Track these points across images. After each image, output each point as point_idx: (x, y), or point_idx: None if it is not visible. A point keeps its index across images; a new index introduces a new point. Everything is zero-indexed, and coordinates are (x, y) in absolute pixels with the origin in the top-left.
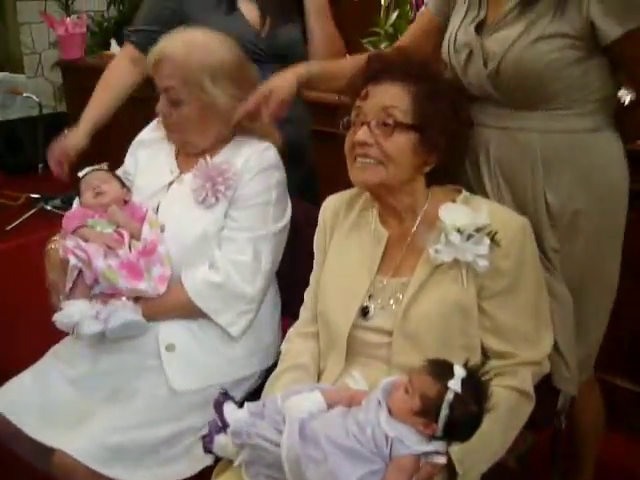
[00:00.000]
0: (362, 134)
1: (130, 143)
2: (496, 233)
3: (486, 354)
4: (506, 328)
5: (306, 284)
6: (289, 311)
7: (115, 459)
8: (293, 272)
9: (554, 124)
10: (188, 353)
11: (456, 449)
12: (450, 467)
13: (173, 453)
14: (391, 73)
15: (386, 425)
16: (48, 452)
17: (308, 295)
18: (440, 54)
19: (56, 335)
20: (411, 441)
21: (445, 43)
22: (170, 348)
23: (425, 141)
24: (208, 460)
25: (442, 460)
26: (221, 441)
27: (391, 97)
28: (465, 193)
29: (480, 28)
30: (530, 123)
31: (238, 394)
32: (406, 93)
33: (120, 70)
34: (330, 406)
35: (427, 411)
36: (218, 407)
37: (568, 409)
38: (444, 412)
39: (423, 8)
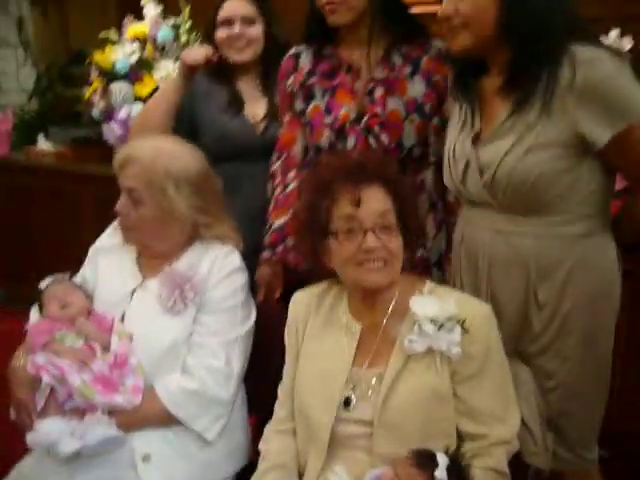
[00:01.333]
0: (372, 241)
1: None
2: (465, 321)
3: (460, 436)
4: (478, 410)
5: (266, 381)
6: (253, 409)
7: None
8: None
9: (547, 230)
10: (164, 462)
11: None
12: None
13: None
14: (368, 176)
15: None
16: None
17: (282, 392)
18: None
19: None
20: None
21: (445, 154)
22: (146, 459)
23: (409, 235)
24: None
25: None
26: None
27: (380, 202)
28: (430, 283)
29: (476, 140)
30: (524, 229)
31: None
32: (388, 195)
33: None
34: None
35: None
36: None
37: None
38: None
39: None
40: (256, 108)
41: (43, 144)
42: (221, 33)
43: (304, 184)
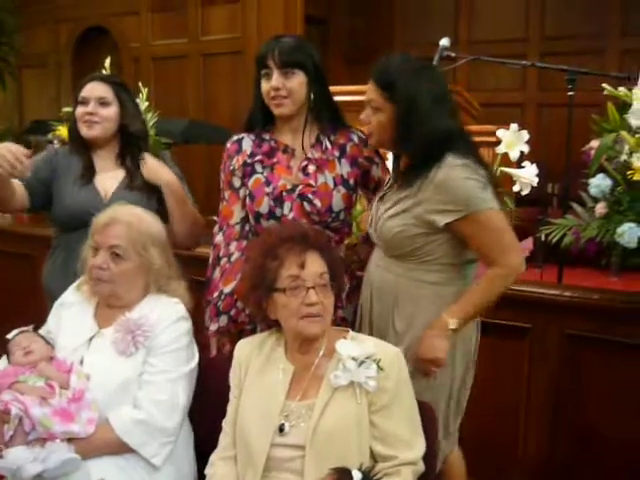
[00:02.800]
0: (314, 297)
1: None
2: (380, 360)
3: (374, 457)
4: (390, 435)
5: (208, 421)
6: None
7: None
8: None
9: (406, 272)
10: None
11: None
12: None
13: None
14: (309, 244)
15: None
16: None
17: (226, 423)
18: None
19: None
20: None
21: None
22: None
23: (336, 291)
24: None
25: None
26: None
27: (319, 265)
28: (351, 332)
29: (382, 198)
30: (391, 267)
31: None
32: (323, 260)
33: None
34: None
35: None
36: None
37: None
38: None
39: None
40: (107, 180)
41: None
42: (78, 110)
43: (251, 249)
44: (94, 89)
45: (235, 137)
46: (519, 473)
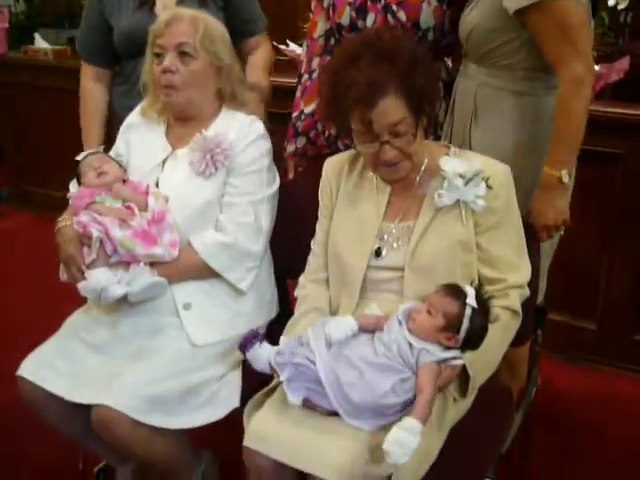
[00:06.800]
0: (391, 154)
1: None
2: (489, 178)
3: (480, 282)
4: (497, 258)
5: (290, 245)
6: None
7: (151, 409)
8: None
9: (488, 79)
10: (203, 310)
11: (468, 356)
12: (461, 375)
13: (200, 401)
14: (381, 90)
15: (411, 339)
16: (81, 413)
17: (316, 245)
18: None
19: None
20: (434, 350)
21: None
22: (187, 307)
23: (424, 120)
24: (232, 405)
25: (460, 362)
26: (257, 351)
27: (394, 112)
28: (454, 148)
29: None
30: (474, 74)
31: None
32: (402, 99)
33: (94, 94)
34: (362, 329)
35: (450, 326)
36: (250, 340)
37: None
38: (465, 325)
39: None
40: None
41: (41, 43)
42: None
43: (327, 65)
44: None
45: None
46: (602, 308)
